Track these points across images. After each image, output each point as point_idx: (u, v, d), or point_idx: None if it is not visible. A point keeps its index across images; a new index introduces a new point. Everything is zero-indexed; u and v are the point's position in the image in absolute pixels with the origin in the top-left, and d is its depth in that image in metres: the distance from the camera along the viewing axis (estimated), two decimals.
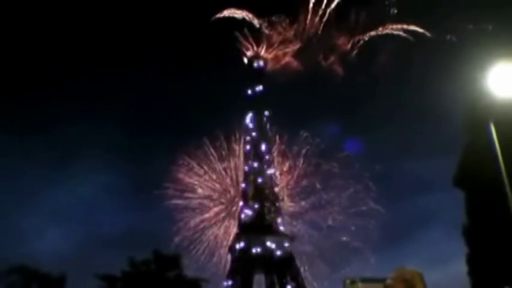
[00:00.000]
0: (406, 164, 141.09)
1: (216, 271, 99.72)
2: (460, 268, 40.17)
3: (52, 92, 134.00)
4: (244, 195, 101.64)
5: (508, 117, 25.41)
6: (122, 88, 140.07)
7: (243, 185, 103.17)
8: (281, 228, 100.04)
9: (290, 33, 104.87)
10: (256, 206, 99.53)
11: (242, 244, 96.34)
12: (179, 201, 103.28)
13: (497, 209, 26.02)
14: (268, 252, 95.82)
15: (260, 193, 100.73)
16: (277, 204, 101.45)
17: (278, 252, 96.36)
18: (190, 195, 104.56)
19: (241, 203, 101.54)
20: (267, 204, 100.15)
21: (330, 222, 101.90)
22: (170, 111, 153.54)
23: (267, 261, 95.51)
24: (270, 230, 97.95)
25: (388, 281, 2.20)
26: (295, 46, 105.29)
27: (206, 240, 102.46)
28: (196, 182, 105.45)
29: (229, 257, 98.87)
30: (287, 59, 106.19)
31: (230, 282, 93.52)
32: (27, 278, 55.63)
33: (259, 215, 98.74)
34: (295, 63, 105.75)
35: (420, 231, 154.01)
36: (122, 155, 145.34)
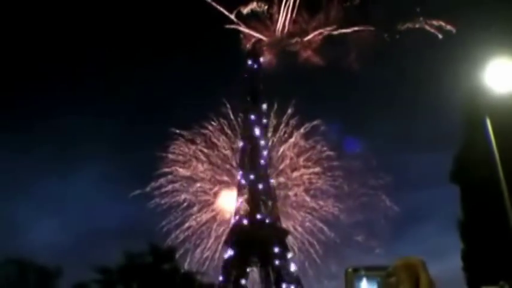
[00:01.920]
0: (403, 159, 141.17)
1: (211, 264, 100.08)
2: (455, 263, 40.32)
3: (48, 84, 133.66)
4: (240, 188, 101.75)
5: (504, 112, 25.50)
6: (118, 79, 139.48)
7: (238, 177, 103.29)
8: (277, 222, 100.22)
9: (310, 27, 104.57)
10: (252, 199, 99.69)
11: (238, 237, 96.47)
12: (174, 193, 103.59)
13: (493, 205, 26.15)
14: (264, 245, 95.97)
15: (257, 186, 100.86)
16: (273, 198, 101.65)
17: (273, 246, 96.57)
18: (185, 186, 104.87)
19: (237, 196, 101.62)
20: (264, 198, 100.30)
21: (341, 217, 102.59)
22: (168, 101, 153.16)
23: (262, 254, 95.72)
24: (267, 224, 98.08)
25: (391, 269, 2.23)
26: (307, 39, 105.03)
27: (202, 232, 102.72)
28: (190, 173, 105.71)
29: (225, 250, 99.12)
30: (307, 53, 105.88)
31: (225, 276, 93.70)
32: (23, 270, 55.60)
33: (255, 208, 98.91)
34: (313, 58, 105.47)
35: (416, 226, 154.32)
36: (118, 146, 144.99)
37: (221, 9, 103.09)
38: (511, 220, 21.49)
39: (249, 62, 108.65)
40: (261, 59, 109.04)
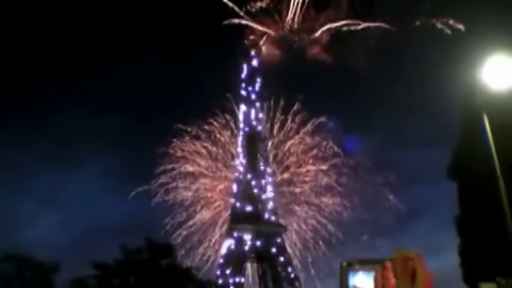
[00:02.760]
0: (400, 155, 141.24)
1: (209, 260, 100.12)
2: (452, 259, 40.40)
3: (49, 81, 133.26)
4: (239, 183, 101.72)
5: (502, 109, 25.53)
6: (118, 75, 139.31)
7: (236, 174, 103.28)
8: (274, 217, 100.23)
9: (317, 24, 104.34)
10: (250, 195, 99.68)
11: (235, 233, 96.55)
12: (175, 190, 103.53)
13: (490, 201, 26.18)
14: (261, 241, 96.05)
15: (255, 182, 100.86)
16: (271, 192, 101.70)
17: (271, 242, 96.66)
18: (186, 183, 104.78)
19: (235, 191, 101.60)
20: (261, 193, 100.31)
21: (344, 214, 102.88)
22: (167, 98, 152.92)
23: (259, 250, 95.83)
24: (263, 219, 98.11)
25: (387, 262, 2.22)
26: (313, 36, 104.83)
27: (199, 228, 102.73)
28: (191, 169, 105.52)
29: (222, 245, 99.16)
30: (315, 50, 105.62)
31: (223, 271, 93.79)
32: (20, 266, 55.57)
33: (252, 204, 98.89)
34: (320, 55, 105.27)
35: (413, 222, 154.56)
36: (119, 143, 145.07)
37: (229, 3, 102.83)
38: (508, 217, 21.52)
39: (245, 62, 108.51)
40: (259, 54, 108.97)
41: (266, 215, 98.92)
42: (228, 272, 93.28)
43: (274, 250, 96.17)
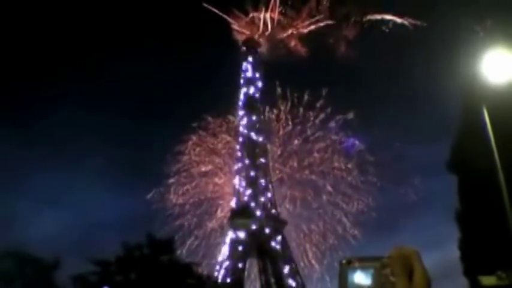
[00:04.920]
0: (401, 149, 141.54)
1: (210, 255, 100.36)
2: (452, 253, 40.40)
3: (45, 79, 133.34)
4: (240, 180, 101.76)
5: (501, 102, 25.49)
6: (114, 74, 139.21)
7: (237, 169, 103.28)
8: (275, 212, 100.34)
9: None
10: (251, 190, 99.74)
11: (236, 229, 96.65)
12: (179, 188, 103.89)
13: (490, 194, 26.16)
14: (262, 236, 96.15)
15: (255, 178, 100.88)
16: (272, 188, 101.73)
17: (271, 237, 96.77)
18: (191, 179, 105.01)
19: (236, 187, 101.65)
20: (262, 188, 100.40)
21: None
22: (164, 96, 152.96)
23: (260, 245, 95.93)
24: (264, 214, 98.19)
25: (385, 260, 2.20)
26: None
27: (199, 223, 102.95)
28: (194, 166, 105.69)
29: (223, 241, 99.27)
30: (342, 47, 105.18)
31: (224, 266, 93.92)
32: (21, 263, 55.56)
33: (254, 200, 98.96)
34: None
35: (415, 216, 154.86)
36: (116, 139, 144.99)
37: None
38: (508, 210, 21.51)
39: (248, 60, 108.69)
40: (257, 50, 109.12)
41: (267, 211, 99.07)
42: (228, 267, 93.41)
43: (274, 245, 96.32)
